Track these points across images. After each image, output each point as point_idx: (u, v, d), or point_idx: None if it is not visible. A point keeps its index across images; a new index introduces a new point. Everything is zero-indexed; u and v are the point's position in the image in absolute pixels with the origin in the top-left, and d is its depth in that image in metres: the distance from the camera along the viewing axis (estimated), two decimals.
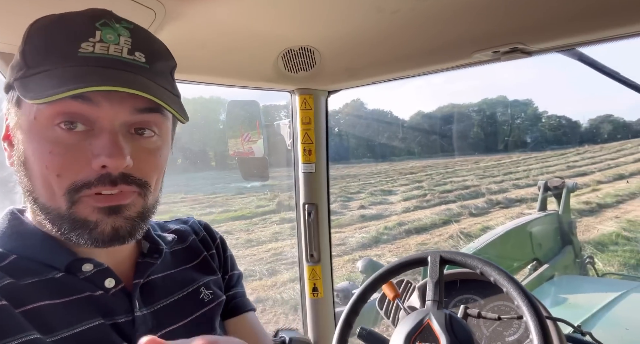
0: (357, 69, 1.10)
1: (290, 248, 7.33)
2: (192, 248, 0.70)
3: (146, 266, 0.60)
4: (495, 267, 0.73)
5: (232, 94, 1.51)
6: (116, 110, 0.50)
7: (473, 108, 48.67)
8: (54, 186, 0.49)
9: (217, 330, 0.63)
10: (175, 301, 0.61)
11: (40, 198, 0.51)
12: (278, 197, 11.30)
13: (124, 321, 0.54)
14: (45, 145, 0.48)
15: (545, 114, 57.20)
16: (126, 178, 0.51)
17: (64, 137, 0.48)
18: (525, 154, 32.18)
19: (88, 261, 0.54)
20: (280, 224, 9.17)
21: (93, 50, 0.48)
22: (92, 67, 0.48)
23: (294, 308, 4.80)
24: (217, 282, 0.69)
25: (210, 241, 0.73)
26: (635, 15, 0.72)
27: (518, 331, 0.82)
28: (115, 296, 0.55)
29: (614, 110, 78.33)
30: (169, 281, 0.62)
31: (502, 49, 0.89)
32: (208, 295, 0.65)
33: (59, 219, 0.50)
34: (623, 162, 19.48)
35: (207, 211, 10.58)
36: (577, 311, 1.50)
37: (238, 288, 0.75)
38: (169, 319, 0.58)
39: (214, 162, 19.15)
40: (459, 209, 10.37)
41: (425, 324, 0.70)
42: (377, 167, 25.15)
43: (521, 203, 10.97)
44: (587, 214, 9.15)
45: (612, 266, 5.65)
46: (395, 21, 0.87)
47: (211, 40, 0.94)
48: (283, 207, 10.42)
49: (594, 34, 0.80)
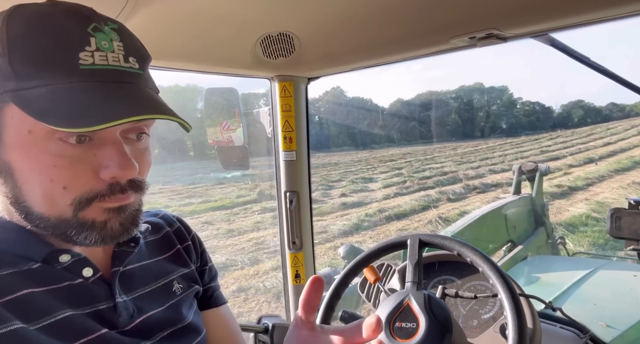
0: (336, 56, 1.10)
1: (272, 237, 7.34)
2: (165, 240, 0.70)
3: (124, 255, 0.60)
4: (472, 248, 0.75)
5: (209, 82, 1.49)
6: None
7: (451, 95, 49.29)
8: (57, 198, 0.49)
9: (189, 316, 0.65)
10: (151, 290, 0.62)
11: (35, 208, 0.50)
12: (259, 186, 11.24)
13: (105, 308, 0.54)
14: (47, 158, 0.47)
15: (520, 100, 58.35)
16: (133, 184, 0.53)
17: (67, 149, 0.48)
18: (500, 140, 32.96)
19: (65, 252, 0.53)
20: (262, 213, 9.16)
21: (93, 61, 0.47)
22: (100, 83, 0.47)
23: (277, 295, 4.84)
24: (189, 275, 0.70)
25: (186, 234, 0.74)
26: (604, 1, 0.74)
27: (493, 309, 0.86)
28: (94, 284, 0.55)
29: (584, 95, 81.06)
30: (145, 271, 0.63)
31: (478, 34, 0.90)
32: (179, 289, 0.66)
33: (61, 225, 0.50)
34: (593, 147, 20.23)
35: (187, 202, 10.45)
36: (549, 288, 1.57)
37: (215, 281, 0.77)
38: (147, 305, 0.60)
39: (192, 152, 18.85)
40: (438, 195, 10.59)
41: (405, 305, 0.72)
42: (357, 155, 25.31)
43: (497, 188, 11.28)
44: (559, 196, 9.49)
45: (582, 246, 5.91)
46: (374, 7, 0.87)
47: (186, 25, 0.91)
48: (264, 197, 10.38)
49: (565, 20, 0.82)
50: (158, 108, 0.49)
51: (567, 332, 1.04)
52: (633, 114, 43.98)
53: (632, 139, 22.07)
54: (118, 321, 0.54)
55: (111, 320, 0.54)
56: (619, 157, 15.20)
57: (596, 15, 0.78)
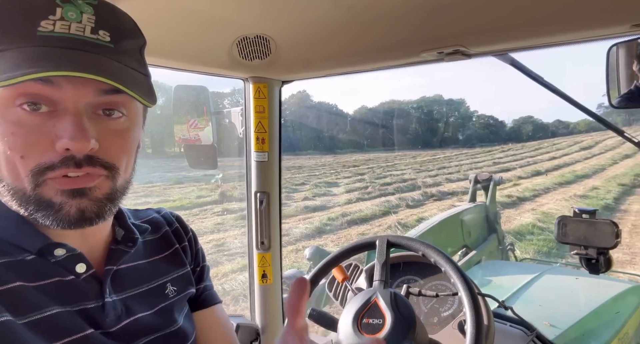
0: (311, 61, 1.13)
1: (233, 239, 7.22)
2: (164, 239, 0.69)
3: (119, 254, 0.59)
4: (436, 249, 0.80)
5: (173, 79, 1.46)
6: (79, 92, 0.48)
7: (412, 105, 50.86)
8: (18, 168, 0.47)
9: (179, 320, 0.64)
10: (142, 292, 0.61)
11: (5, 179, 0.49)
12: (220, 187, 11.02)
13: (93, 307, 0.53)
14: (6, 126, 0.47)
15: (475, 113, 61.18)
16: (91, 160, 0.49)
17: (27, 118, 0.47)
18: (457, 150, 34.36)
19: (61, 245, 0.52)
20: (223, 215, 8.99)
21: (53, 29, 0.46)
22: (52, 48, 0.46)
23: (236, 298, 4.77)
24: (184, 276, 0.69)
25: (183, 234, 0.73)
26: (560, 27, 0.83)
27: (452, 307, 0.91)
28: (85, 281, 0.54)
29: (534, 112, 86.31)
30: (139, 271, 0.62)
31: (446, 50, 0.96)
32: (172, 291, 0.65)
33: (24, 200, 0.49)
34: (540, 160, 21.59)
35: (143, 201, 10.05)
36: (500, 290, 1.68)
37: (207, 281, 0.75)
38: (136, 307, 0.58)
39: (150, 150, 18.18)
40: (398, 201, 10.89)
41: (373, 302, 0.76)
42: (321, 159, 25.48)
43: (453, 196, 11.77)
44: (509, 206, 10.04)
45: (527, 253, 6.28)
46: (351, 17, 0.91)
47: (164, 22, 0.91)
48: (226, 198, 10.19)
49: (524, 42, 0.90)
50: (108, 72, 0.47)
51: (516, 330, 1.12)
52: (576, 131, 47.31)
53: (575, 154, 23.81)
54: (105, 322, 0.53)
55: (98, 320, 0.53)
56: (562, 171, 16.34)
57: (551, 39, 0.87)
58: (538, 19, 0.82)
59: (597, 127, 37.43)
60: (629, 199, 10.50)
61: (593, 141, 31.21)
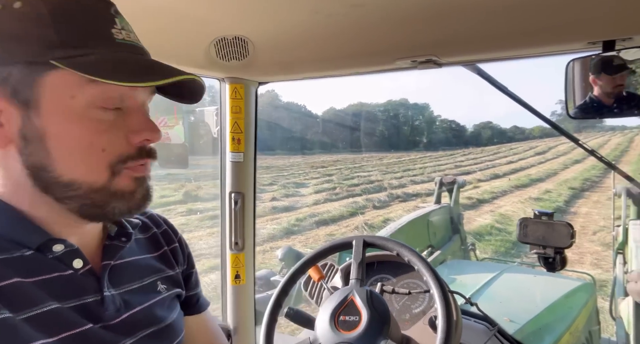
0: (289, 64, 1.14)
1: (197, 240, 7.06)
2: (153, 240, 0.70)
3: (115, 249, 0.60)
4: (409, 249, 0.84)
5: None
6: (142, 92, 0.55)
7: (379, 108, 51.82)
8: (95, 161, 0.51)
9: (172, 315, 0.66)
10: (137, 287, 0.62)
11: (66, 176, 0.51)
12: (185, 186, 10.74)
13: (92, 301, 0.54)
14: (88, 123, 0.50)
15: (439, 117, 63.16)
16: (153, 150, 0.57)
17: (105, 115, 0.51)
18: (421, 153, 35.29)
19: (60, 241, 0.53)
20: (188, 215, 8.78)
21: (123, 37, 0.52)
22: (130, 54, 0.52)
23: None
24: (173, 277, 0.70)
25: (172, 236, 0.74)
26: (525, 41, 0.89)
27: (423, 304, 0.96)
28: (83, 276, 0.55)
29: (493, 117, 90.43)
30: (134, 267, 0.63)
31: (419, 59, 1.01)
32: (163, 289, 0.66)
33: (91, 193, 0.52)
34: (498, 164, 22.62)
35: None
36: (464, 288, 1.76)
37: (199, 287, 0.78)
38: (133, 301, 0.60)
39: None
40: (365, 202, 11.06)
41: (349, 300, 0.78)
42: (290, 159, 25.40)
43: (417, 197, 12.10)
44: (469, 208, 10.45)
45: (486, 253, 6.57)
46: (330, 24, 0.93)
47: (142, 19, 0.89)
48: (190, 198, 9.95)
49: (492, 54, 0.96)
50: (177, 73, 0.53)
51: (480, 325, 1.18)
52: (532, 137, 49.89)
53: (530, 159, 25.15)
54: (104, 315, 0.55)
55: (97, 313, 0.54)
56: (519, 174, 17.20)
57: (516, 52, 0.94)
58: (505, 34, 0.88)
59: (550, 133, 39.64)
60: (579, 202, 11.22)
61: (547, 147, 33.11)
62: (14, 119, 0.49)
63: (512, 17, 0.82)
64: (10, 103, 0.49)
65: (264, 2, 0.86)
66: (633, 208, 2.86)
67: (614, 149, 28.55)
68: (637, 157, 22.78)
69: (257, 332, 1.39)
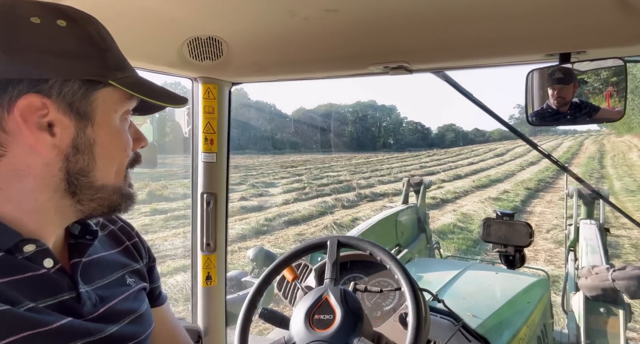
0: (263, 65, 1.15)
1: (162, 241, 6.87)
2: (112, 236, 0.72)
3: (83, 247, 0.61)
4: (381, 248, 0.87)
5: None
6: None
7: (348, 109, 52.28)
8: (123, 164, 0.60)
9: (143, 306, 0.68)
10: (109, 282, 0.64)
11: (100, 180, 0.57)
12: (149, 186, 10.40)
13: (68, 298, 0.55)
14: (124, 133, 0.60)
15: (405, 119, 64.54)
16: (140, 155, 0.64)
17: (126, 126, 0.61)
18: (388, 154, 35.91)
19: (32, 241, 0.53)
20: (152, 215, 8.51)
21: None
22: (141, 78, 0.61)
23: (170, 301, 4.55)
24: (138, 271, 0.72)
25: (130, 230, 0.75)
26: (489, 52, 0.95)
27: (393, 301, 0.99)
28: (56, 274, 0.55)
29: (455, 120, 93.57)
30: (102, 263, 0.65)
31: (391, 65, 1.04)
32: (132, 282, 0.68)
33: (111, 193, 0.59)
34: (460, 165, 23.45)
35: None
36: (430, 286, 1.82)
37: (159, 280, 0.81)
38: (107, 296, 0.62)
39: None
40: (334, 202, 11.14)
41: (324, 299, 0.80)
42: (259, 159, 25.13)
43: (384, 197, 12.33)
44: (433, 207, 10.76)
45: (449, 251, 6.79)
46: (305, 27, 0.95)
47: (113, 17, 0.87)
48: (155, 198, 9.65)
49: (459, 62, 1.01)
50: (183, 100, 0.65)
51: (445, 321, 1.24)
52: (491, 140, 51.93)
53: (490, 160, 26.24)
54: (83, 310, 0.56)
55: (75, 309, 0.55)
56: (479, 175, 17.91)
57: (481, 61, 1.00)
58: (471, 44, 0.94)
59: (508, 136, 41.40)
60: (534, 201, 11.82)
61: (505, 149, 34.65)
62: (68, 129, 0.54)
63: (478, 29, 0.87)
64: (66, 115, 0.53)
65: (240, 3, 0.87)
66: (583, 208, 3.06)
67: (565, 151, 30.33)
68: (586, 159, 24.33)
69: (228, 333, 1.38)
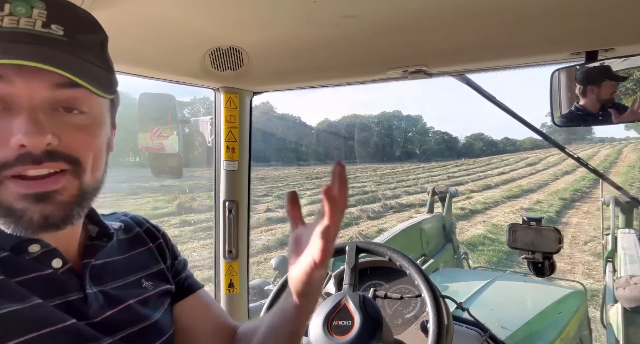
0: (283, 74, 1.17)
1: (191, 252, 7.00)
2: (137, 239, 0.70)
3: (96, 248, 0.60)
4: (401, 254, 0.86)
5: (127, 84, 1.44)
6: (33, 86, 0.47)
7: (373, 120, 52.21)
8: None
9: (156, 315, 0.64)
10: (120, 286, 0.61)
11: None
12: (178, 198, 10.68)
13: (75, 298, 0.53)
14: None
15: (431, 129, 63.72)
16: (52, 155, 0.47)
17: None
18: (414, 164, 35.46)
19: (36, 241, 0.52)
20: (181, 227, 8.70)
21: (1, 24, 0.45)
22: (10, 43, 0.45)
23: None
24: (159, 273, 0.69)
25: (156, 232, 0.74)
26: (511, 52, 0.93)
27: (415, 309, 0.97)
28: (64, 274, 0.54)
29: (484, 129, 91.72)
30: (116, 265, 0.63)
31: (410, 69, 1.04)
32: (149, 286, 0.65)
33: None
34: (490, 175, 22.82)
35: None
36: (456, 295, 1.76)
37: (187, 272, 0.76)
38: (117, 299, 0.59)
39: None
40: (359, 213, 11.06)
41: (342, 305, 0.79)
42: (284, 170, 25.38)
43: (411, 208, 12.13)
44: (462, 218, 10.49)
45: (479, 263, 6.58)
46: (322, 34, 0.96)
47: (138, 30, 0.91)
48: (184, 209, 9.88)
49: (480, 64, 0.99)
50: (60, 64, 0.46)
51: (472, 331, 1.19)
52: (522, 149, 50.42)
53: (521, 170, 25.42)
54: (88, 312, 0.53)
55: (81, 310, 0.53)
56: (510, 185, 17.36)
57: (503, 63, 0.97)
58: (491, 45, 0.92)
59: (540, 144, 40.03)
60: (569, 212, 11.33)
61: (537, 158, 33.50)
62: None
63: (498, 29, 0.86)
64: None
65: (258, 13, 0.89)
66: (621, 217, 2.90)
67: (603, 160, 28.99)
68: (625, 168, 23.16)
69: None
